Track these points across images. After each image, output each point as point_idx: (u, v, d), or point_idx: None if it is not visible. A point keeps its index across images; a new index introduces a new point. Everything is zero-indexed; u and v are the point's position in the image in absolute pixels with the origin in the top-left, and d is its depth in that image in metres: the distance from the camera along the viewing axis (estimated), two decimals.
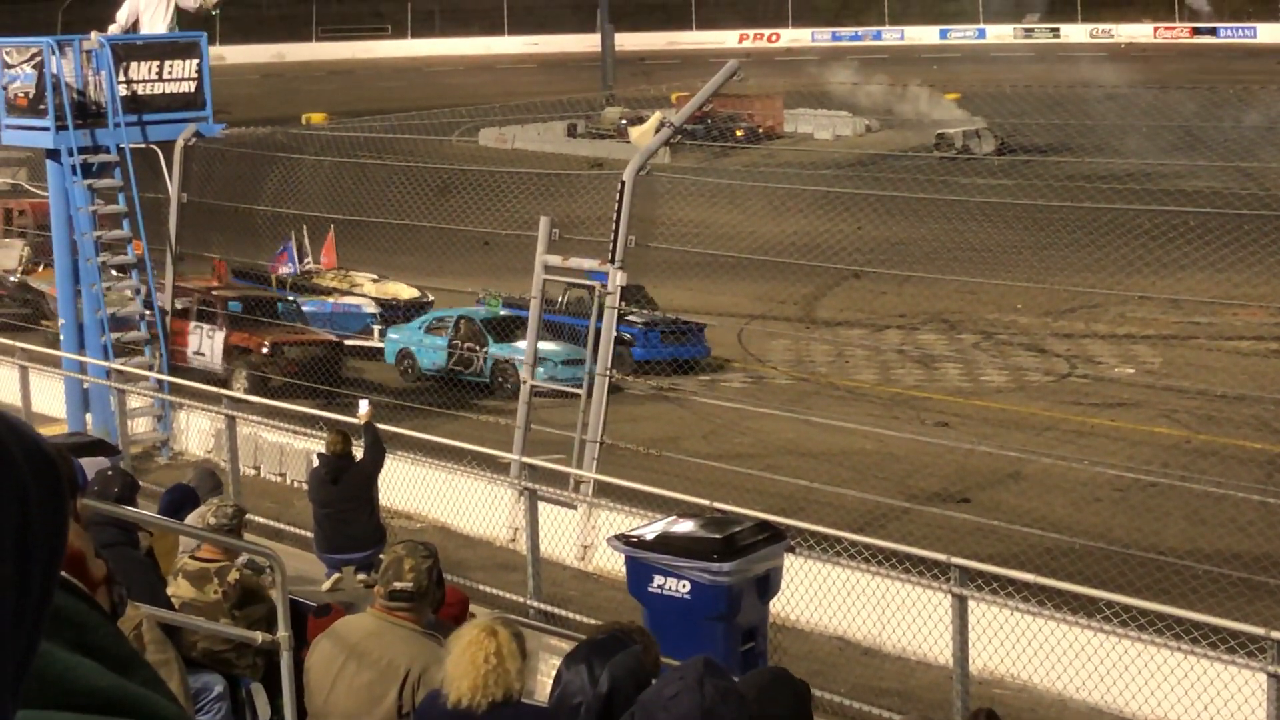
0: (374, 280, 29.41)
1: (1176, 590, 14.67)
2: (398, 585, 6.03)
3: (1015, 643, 11.80)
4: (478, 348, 25.41)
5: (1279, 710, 9.92)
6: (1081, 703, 11.78)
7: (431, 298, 28.51)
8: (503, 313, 26.26)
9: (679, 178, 23.65)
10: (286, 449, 17.51)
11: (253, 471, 17.55)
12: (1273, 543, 16.73)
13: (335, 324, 26.42)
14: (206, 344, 24.60)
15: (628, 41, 75.98)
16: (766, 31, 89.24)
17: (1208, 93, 39.47)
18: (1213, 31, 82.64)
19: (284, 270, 28.70)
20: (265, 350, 24.01)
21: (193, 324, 24.61)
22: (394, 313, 27.84)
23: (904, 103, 53.26)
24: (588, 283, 28.03)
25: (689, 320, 26.77)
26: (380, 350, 26.28)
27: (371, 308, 27.83)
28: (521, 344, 25.23)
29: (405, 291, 28.92)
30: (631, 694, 4.87)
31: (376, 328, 26.94)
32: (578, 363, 24.09)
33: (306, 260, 29.15)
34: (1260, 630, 10.31)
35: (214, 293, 25.54)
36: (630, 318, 26.34)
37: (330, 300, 27.97)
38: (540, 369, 23.82)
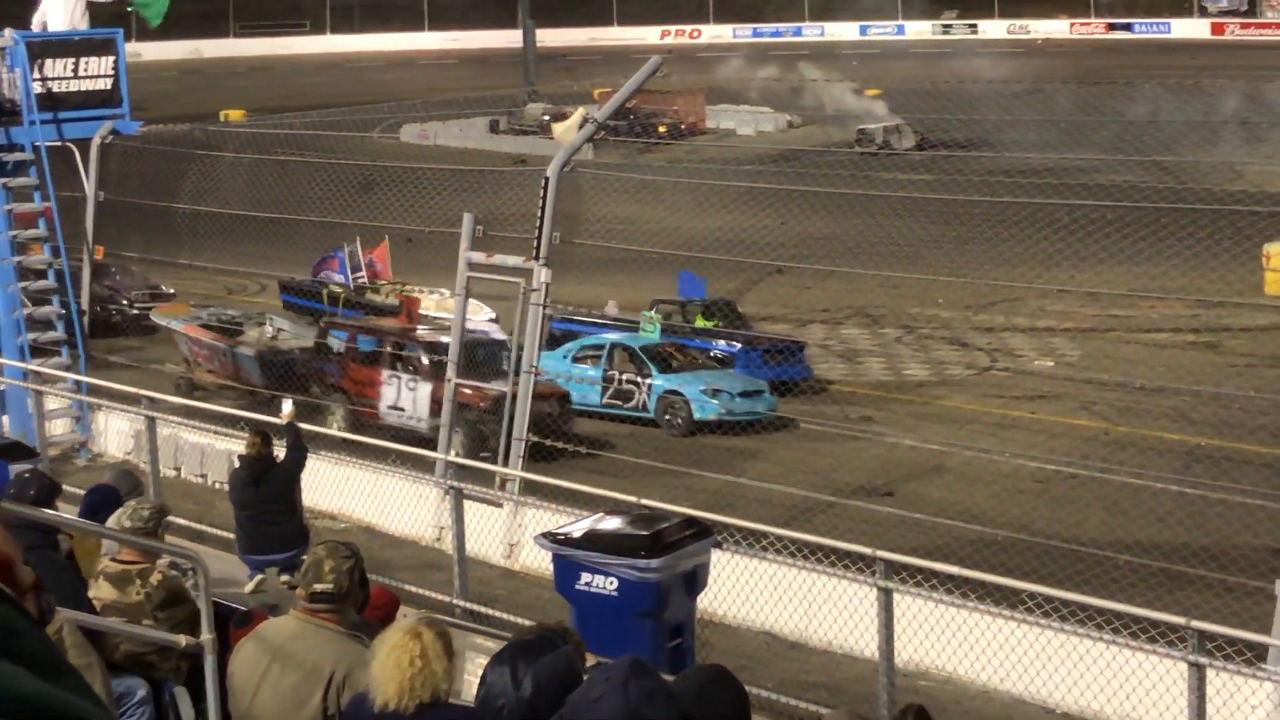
0: (435, 297, 25.78)
1: (1098, 580, 14.83)
2: (318, 587, 5.99)
3: (940, 635, 11.88)
4: (639, 379, 22.23)
5: (1199, 699, 10.04)
6: (1005, 693, 11.88)
7: (494, 314, 24.61)
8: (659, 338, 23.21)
9: (603, 174, 23.61)
10: (207, 450, 17.34)
11: (173, 473, 17.37)
12: (1191, 533, 16.96)
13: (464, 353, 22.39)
14: (407, 397, 20.81)
15: (549, 37, 75.83)
16: (688, 28, 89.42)
17: (1125, 88, 39.88)
18: (1127, 27, 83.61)
19: (333, 283, 26.28)
20: (486, 405, 19.31)
21: (386, 372, 20.96)
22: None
23: (825, 98, 53.54)
24: (675, 299, 25.73)
25: (789, 339, 25.25)
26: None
27: (500, 333, 23.24)
28: (689, 374, 22.67)
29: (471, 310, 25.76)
30: (557, 697, 4.85)
31: (508, 356, 23.33)
32: (756, 394, 22.49)
33: (360, 273, 26.26)
34: (1180, 620, 10.44)
35: (413, 335, 21.82)
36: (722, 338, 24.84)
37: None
38: (715, 401, 22.16)
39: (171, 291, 27.58)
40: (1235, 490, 17.04)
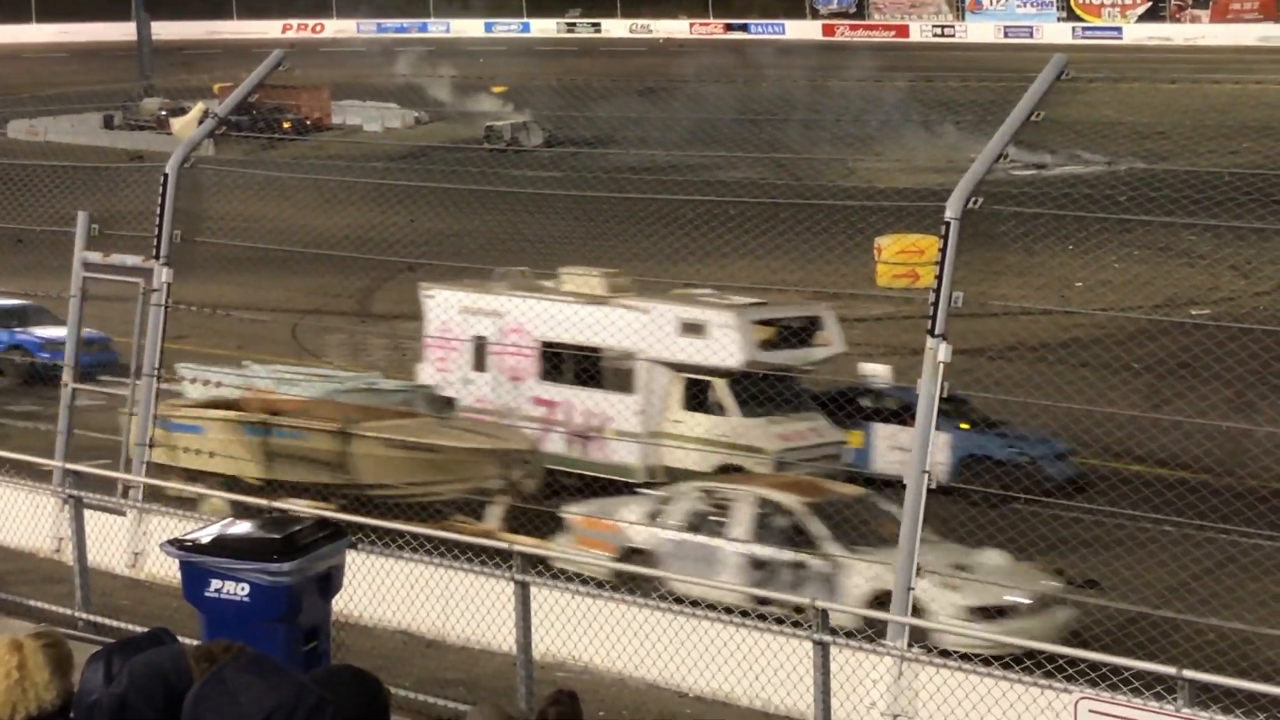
0: None
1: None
2: None
3: (576, 625, 12.01)
4: None
5: (824, 676, 10.42)
6: (640, 680, 12.09)
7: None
8: None
9: (225, 170, 22.99)
10: None
11: None
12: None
13: None
14: None
15: (165, 30, 73.59)
16: (310, 22, 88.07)
17: (743, 87, 41.09)
18: (744, 28, 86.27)
19: None
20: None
21: None
22: None
23: (452, 95, 53.50)
24: None
25: None
26: None
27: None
28: None
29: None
30: (156, 694, 4.72)
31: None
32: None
33: None
34: (806, 600, 10.81)
35: None
36: None
37: None
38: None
39: None
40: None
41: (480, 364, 20.66)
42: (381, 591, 12.60)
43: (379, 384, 21.22)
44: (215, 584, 10.11)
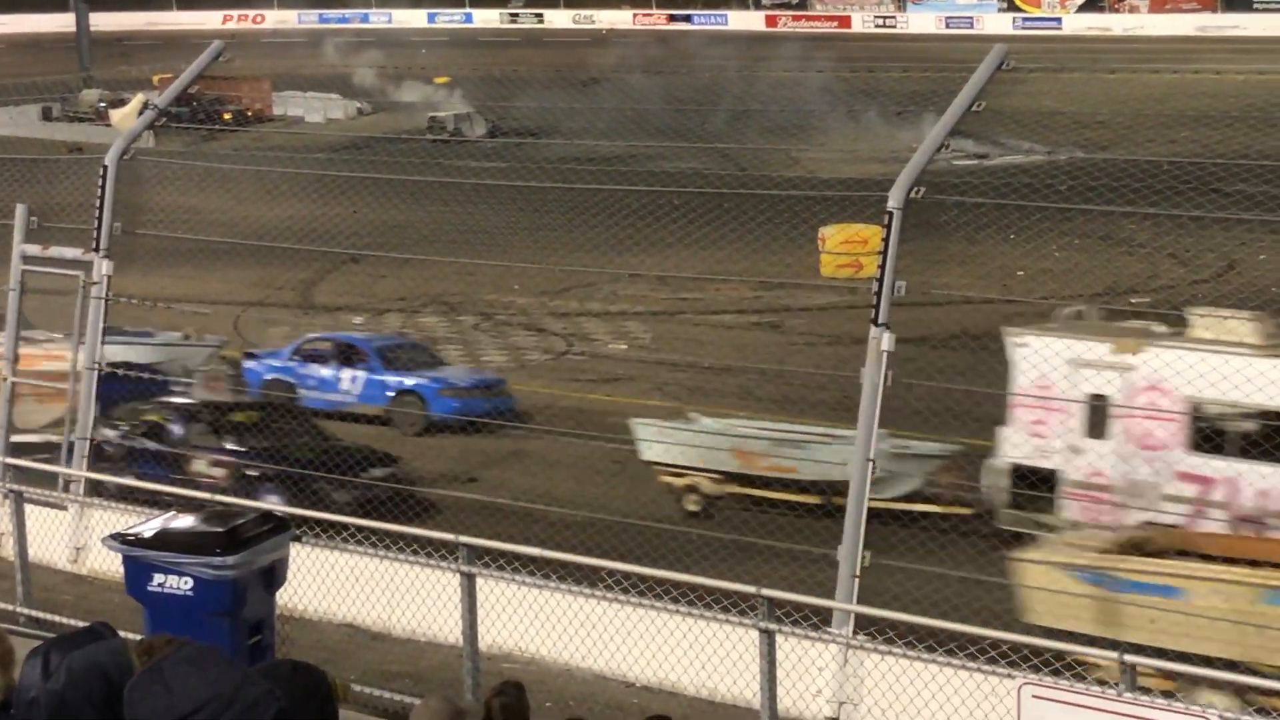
0: None
1: (674, 555, 15.26)
2: None
3: (523, 617, 12.01)
4: None
5: (770, 664, 10.45)
6: (587, 670, 12.09)
7: None
8: None
9: (166, 162, 22.85)
10: None
11: None
12: (759, 504, 17.65)
13: None
14: None
15: (104, 21, 72.95)
16: (251, 12, 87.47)
17: (686, 76, 41.15)
18: (687, 19, 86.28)
19: None
20: None
21: None
22: None
23: (395, 86, 53.32)
24: None
25: None
26: None
27: None
28: None
29: None
30: (95, 690, 4.69)
31: None
32: None
33: None
34: (751, 589, 10.84)
35: None
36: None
37: None
38: None
39: None
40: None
41: (1097, 429, 16.85)
42: (326, 584, 12.56)
43: (910, 446, 17.83)
44: (158, 578, 10.07)
